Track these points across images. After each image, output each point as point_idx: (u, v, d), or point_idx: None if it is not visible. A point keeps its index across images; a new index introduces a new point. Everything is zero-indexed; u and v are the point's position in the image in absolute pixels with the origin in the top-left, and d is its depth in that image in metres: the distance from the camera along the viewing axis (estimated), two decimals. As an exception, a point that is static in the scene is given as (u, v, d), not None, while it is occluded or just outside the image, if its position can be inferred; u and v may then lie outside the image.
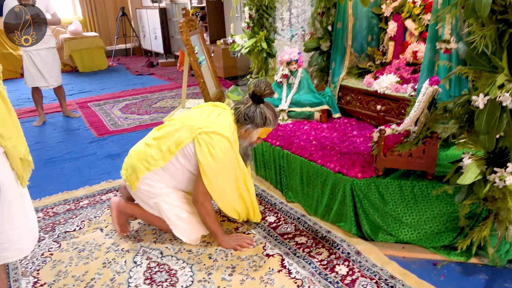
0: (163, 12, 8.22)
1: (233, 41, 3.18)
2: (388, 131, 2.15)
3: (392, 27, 2.88)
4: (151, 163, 2.12)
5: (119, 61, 8.69)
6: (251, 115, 2.06)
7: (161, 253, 2.17)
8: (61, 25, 7.76)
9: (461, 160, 1.80)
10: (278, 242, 2.21)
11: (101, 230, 2.41)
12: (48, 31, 4.37)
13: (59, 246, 2.27)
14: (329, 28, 3.07)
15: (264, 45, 3.00)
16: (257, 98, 2.07)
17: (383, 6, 2.92)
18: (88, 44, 7.65)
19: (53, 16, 4.38)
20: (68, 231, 2.42)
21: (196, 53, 2.87)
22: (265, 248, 2.17)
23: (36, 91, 4.50)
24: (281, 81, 2.98)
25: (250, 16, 3.04)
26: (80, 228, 2.44)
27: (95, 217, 2.56)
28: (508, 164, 1.66)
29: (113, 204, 2.38)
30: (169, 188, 2.18)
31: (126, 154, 2.32)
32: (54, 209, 2.67)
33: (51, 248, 2.26)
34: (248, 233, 2.30)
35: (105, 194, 2.86)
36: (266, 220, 2.43)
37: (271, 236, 2.27)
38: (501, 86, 1.54)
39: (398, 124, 2.21)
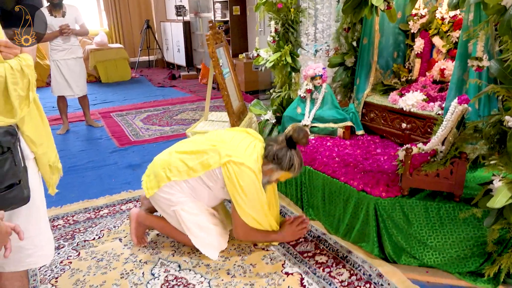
0: (187, 26, 8.35)
1: (258, 55, 3.18)
2: (415, 150, 2.09)
3: (419, 43, 2.84)
4: (175, 174, 2.13)
5: (141, 72, 8.83)
6: (280, 157, 2.07)
7: (179, 266, 2.15)
8: (88, 36, 7.95)
9: (490, 182, 1.73)
10: (298, 261, 2.16)
11: (120, 240, 2.41)
12: (76, 42, 4.48)
13: (78, 255, 2.27)
14: (354, 43, 3.04)
15: (289, 59, 2.99)
16: (292, 143, 2.08)
17: (410, 23, 2.88)
18: (113, 55, 7.81)
19: (82, 27, 4.48)
20: (87, 240, 2.42)
21: (221, 65, 2.88)
22: (284, 266, 2.12)
23: (61, 99, 4.59)
24: (304, 96, 2.96)
25: (276, 30, 3.05)
26: (99, 237, 2.45)
27: (114, 226, 2.56)
28: (542, 188, 1.59)
29: (132, 215, 2.38)
30: (189, 198, 2.18)
31: (147, 165, 2.33)
32: (75, 217, 2.69)
33: (70, 256, 2.26)
34: (267, 250, 2.26)
35: (125, 204, 2.87)
36: (286, 236, 2.38)
37: (290, 253, 2.22)
38: (536, 107, 1.49)
39: (425, 143, 2.15)
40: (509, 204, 1.64)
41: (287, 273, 2.06)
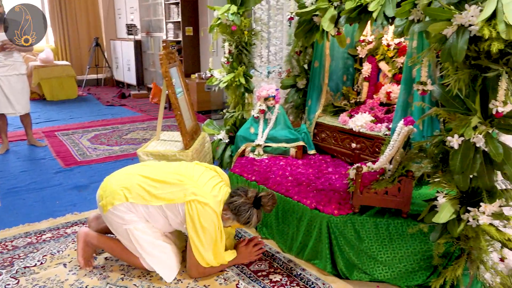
0: (138, 45, 8.24)
1: (211, 75, 3.19)
2: (364, 168, 2.17)
3: (366, 68, 2.98)
4: (134, 196, 2.06)
5: (89, 91, 8.56)
6: (241, 212, 2.07)
7: (129, 290, 2.06)
8: (32, 53, 7.62)
9: (435, 199, 1.83)
10: (252, 280, 2.14)
11: (65, 265, 2.28)
12: (19, 58, 4.28)
13: (17, 283, 2.11)
14: (306, 66, 3.14)
15: (242, 80, 3.03)
16: (258, 204, 2.09)
17: (359, 48, 3.03)
18: (59, 72, 7.52)
19: (26, 42, 4.29)
20: (28, 266, 2.26)
21: (174, 85, 2.86)
22: (238, 286, 2.10)
23: (1, 118, 4.34)
24: (258, 116, 2.99)
25: (230, 52, 3.09)
26: (41, 263, 2.30)
27: (58, 251, 2.42)
28: (481, 204, 1.69)
29: (80, 234, 2.26)
30: (142, 220, 2.11)
31: (95, 186, 2.25)
32: (14, 243, 2.51)
33: (8, 285, 2.10)
34: (221, 270, 2.22)
35: (70, 227, 2.72)
36: (240, 256, 2.36)
37: (244, 273, 2.20)
38: (475, 128, 1.60)
39: (374, 162, 2.24)
40: (453, 219, 1.74)
41: (242, 294, 2.04)
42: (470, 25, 1.46)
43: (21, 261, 2.31)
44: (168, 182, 2.09)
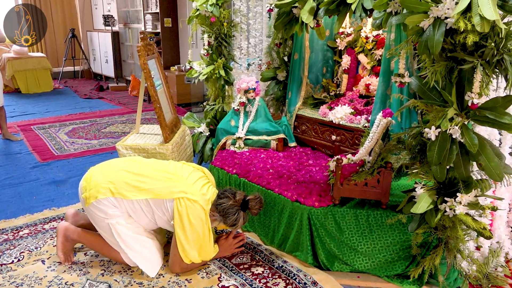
0: (115, 36, 8.08)
1: (191, 68, 3.16)
2: (344, 160, 2.19)
3: (345, 60, 3.00)
4: (120, 191, 2.04)
5: (66, 83, 8.37)
6: (228, 213, 2.08)
7: (109, 286, 2.04)
8: (5, 44, 7.39)
9: (413, 190, 1.85)
10: (234, 273, 2.14)
11: (43, 262, 2.23)
12: (-9, 49, 4.15)
13: (-6, 281, 2.07)
14: (286, 58, 3.13)
15: (222, 72, 3.01)
16: (245, 206, 2.11)
17: (338, 40, 3.04)
18: (34, 65, 7.32)
19: (-2, 33, 4.17)
20: (4, 264, 2.21)
21: (153, 77, 2.81)
22: (220, 279, 2.10)
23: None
24: (238, 109, 2.98)
25: (209, 44, 3.05)
26: (18, 260, 2.25)
27: (36, 248, 2.37)
28: (458, 194, 1.73)
29: (60, 228, 2.22)
30: (125, 216, 2.09)
31: (73, 180, 2.21)
32: (-11, 240, 2.45)
33: (-16, 283, 2.05)
34: (203, 264, 2.22)
35: (48, 223, 2.67)
36: (222, 250, 2.36)
37: (226, 266, 2.20)
38: (451, 120, 1.63)
39: (353, 154, 2.26)
40: (430, 209, 1.77)
41: (223, 287, 2.04)
42: (446, 18, 1.48)
43: (-3, 259, 2.26)
44: (157, 179, 2.08)
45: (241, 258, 2.28)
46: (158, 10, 6.76)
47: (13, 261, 2.24)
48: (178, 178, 2.10)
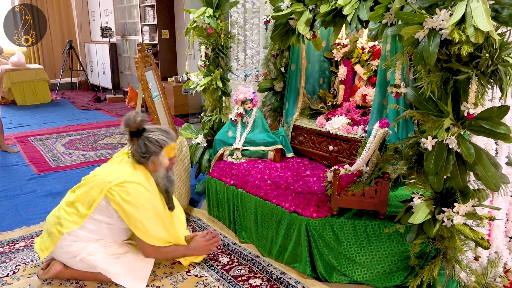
0: (113, 48, 8.12)
1: (188, 79, 3.17)
2: (342, 171, 2.19)
3: (342, 71, 3.02)
4: (65, 225, 2.01)
5: (63, 95, 8.38)
6: (144, 150, 2.02)
7: (106, 299, 2.02)
8: (3, 56, 7.41)
9: (410, 200, 1.85)
10: (232, 285, 2.13)
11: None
12: (-12, 61, 4.16)
13: (-11, 295, 2.05)
14: (282, 69, 3.15)
15: (219, 83, 3.02)
16: (135, 133, 2.02)
17: (334, 51, 3.06)
18: (31, 76, 7.33)
19: (-5, 45, 4.18)
20: (0, 277, 2.19)
21: (150, 89, 2.82)
22: (218, 291, 2.08)
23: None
24: (235, 120, 2.98)
25: (206, 55, 3.07)
26: (14, 273, 2.23)
27: (32, 260, 2.35)
28: (455, 204, 1.73)
29: (52, 271, 2.11)
30: (90, 242, 2.06)
31: (70, 192, 2.19)
32: (-15, 253, 2.43)
33: (-21, 297, 2.03)
34: (200, 276, 2.20)
35: (44, 235, 2.65)
36: (220, 261, 2.34)
37: (224, 278, 2.19)
38: (447, 130, 1.63)
39: (351, 165, 2.26)
40: (428, 219, 1.77)
41: (221, 299, 2.02)
42: (440, 29, 1.49)
43: (-8, 273, 2.24)
44: (87, 191, 2.04)
45: (239, 270, 2.27)
46: (155, 22, 6.80)
47: (8, 274, 2.22)
48: (103, 171, 2.07)
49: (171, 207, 2.24)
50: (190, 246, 2.22)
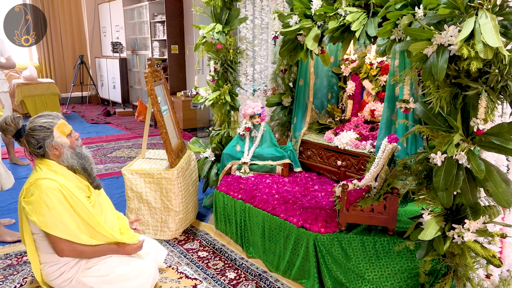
0: (123, 62, 8.24)
1: (197, 93, 3.20)
2: (350, 186, 2.18)
3: (350, 86, 3.02)
4: (44, 258, 1.95)
5: (74, 108, 8.48)
6: (35, 143, 1.93)
7: (112, 314, 2.00)
8: (16, 70, 7.54)
9: (420, 216, 1.83)
10: (239, 301, 2.11)
11: (46, 288, 2.21)
12: (1, 75, 4.23)
13: (-4, 307, 2.05)
14: (291, 84, 3.17)
15: (228, 98, 3.04)
16: (16, 134, 1.96)
17: (342, 67, 3.08)
18: (42, 90, 7.44)
19: (8, 60, 4.26)
20: (7, 290, 2.20)
21: (159, 103, 2.85)
22: (225, 307, 2.06)
23: (-18, 136, 4.26)
24: (243, 134, 2.99)
25: (215, 70, 3.10)
26: (21, 285, 2.23)
27: (39, 273, 2.35)
28: (466, 221, 1.70)
29: None
30: (69, 263, 1.99)
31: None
32: (-7, 265, 2.44)
33: (-14, 309, 2.03)
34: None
35: (52, 248, 2.65)
36: (226, 276, 2.33)
37: (231, 294, 2.17)
38: (457, 145, 1.62)
39: (359, 180, 2.25)
40: (438, 236, 1.74)
41: (228, 315, 2.00)
42: (449, 45, 1.49)
43: (0, 284, 2.24)
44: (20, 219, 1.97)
45: (246, 285, 2.24)
46: (165, 37, 6.90)
47: (16, 286, 2.22)
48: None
49: (96, 186, 2.13)
50: (120, 248, 2.06)
